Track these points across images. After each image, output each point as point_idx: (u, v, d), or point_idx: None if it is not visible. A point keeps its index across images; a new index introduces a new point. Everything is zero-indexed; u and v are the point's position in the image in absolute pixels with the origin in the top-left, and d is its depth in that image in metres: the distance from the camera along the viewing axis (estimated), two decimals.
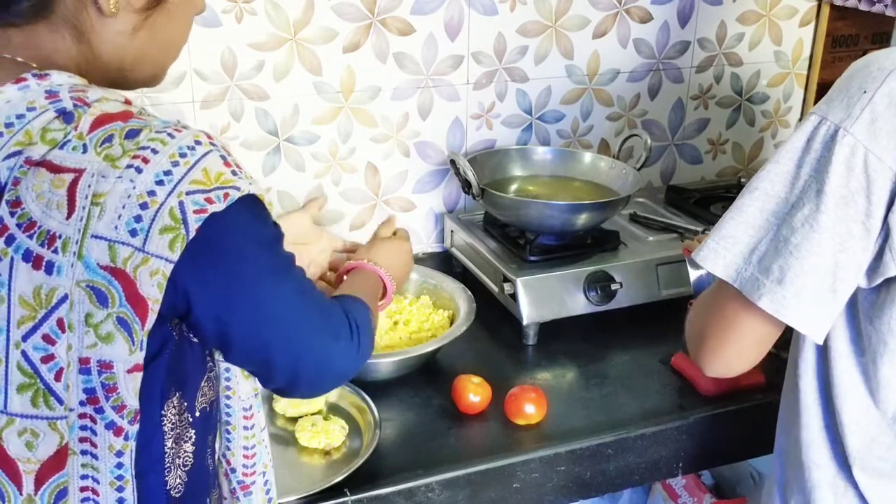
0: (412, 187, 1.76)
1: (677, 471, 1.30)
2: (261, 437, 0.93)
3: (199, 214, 0.71)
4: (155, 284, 0.71)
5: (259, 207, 0.78)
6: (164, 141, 0.72)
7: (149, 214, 0.70)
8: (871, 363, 0.92)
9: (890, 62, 0.85)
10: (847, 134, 0.84)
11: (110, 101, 0.75)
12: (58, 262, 0.69)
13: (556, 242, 1.54)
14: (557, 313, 1.46)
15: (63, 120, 0.72)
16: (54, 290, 0.70)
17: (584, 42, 1.77)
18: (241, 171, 0.76)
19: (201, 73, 1.53)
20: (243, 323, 0.78)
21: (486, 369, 1.34)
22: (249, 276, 0.77)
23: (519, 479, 1.19)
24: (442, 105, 1.71)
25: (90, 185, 0.69)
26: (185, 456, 0.82)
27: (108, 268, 0.70)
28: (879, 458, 0.95)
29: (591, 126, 1.86)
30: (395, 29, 1.62)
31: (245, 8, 1.52)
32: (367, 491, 1.11)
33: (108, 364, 0.72)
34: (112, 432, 0.74)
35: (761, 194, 0.89)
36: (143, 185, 0.70)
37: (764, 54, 1.95)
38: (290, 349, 0.82)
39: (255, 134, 1.61)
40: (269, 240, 0.80)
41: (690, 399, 1.32)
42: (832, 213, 0.84)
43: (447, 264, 1.72)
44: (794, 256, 0.85)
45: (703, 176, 2.03)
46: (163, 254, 0.70)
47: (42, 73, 0.74)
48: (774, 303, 0.86)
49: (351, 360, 0.88)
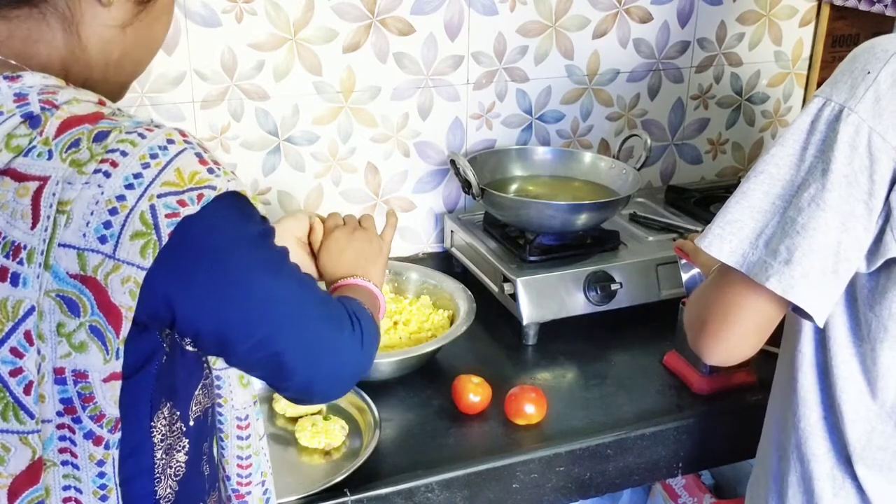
0: (412, 187, 1.76)
1: (677, 471, 1.30)
2: (258, 447, 0.91)
3: (171, 219, 0.69)
4: (127, 292, 0.68)
5: (241, 204, 0.75)
6: (135, 142, 0.69)
7: (118, 220, 0.68)
8: (870, 351, 0.92)
9: (893, 45, 0.86)
10: (852, 113, 0.84)
11: (81, 103, 0.72)
12: (23, 274, 0.67)
13: (556, 242, 1.54)
14: (557, 313, 1.46)
15: (29, 125, 0.70)
16: (20, 303, 0.68)
17: (584, 42, 1.77)
18: (219, 168, 0.73)
19: (201, 73, 1.53)
20: (239, 322, 0.75)
21: (486, 369, 1.34)
22: (239, 274, 0.74)
23: (518, 479, 1.20)
24: (442, 105, 1.72)
25: (55, 192, 0.67)
26: (176, 466, 0.81)
27: (77, 276, 0.68)
28: (879, 448, 0.96)
29: (591, 126, 1.86)
30: (395, 29, 1.62)
31: (245, 8, 1.52)
32: (367, 491, 1.11)
33: (82, 374, 0.70)
34: (91, 442, 0.72)
35: (766, 178, 0.89)
36: (111, 189, 0.68)
37: (764, 54, 1.95)
38: (299, 343, 0.79)
39: (255, 134, 1.61)
40: (256, 235, 0.77)
41: (690, 399, 1.32)
42: (837, 191, 0.84)
43: (447, 264, 1.73)
44: (801, 236, 0.85)
45: (703, 176, 2.03)
46: (134, 260, 0.68)
47: (14, 75, 0.72)
48: (782, 283, 0.86)
49: (355, 352, 0.85)
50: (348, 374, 0.86)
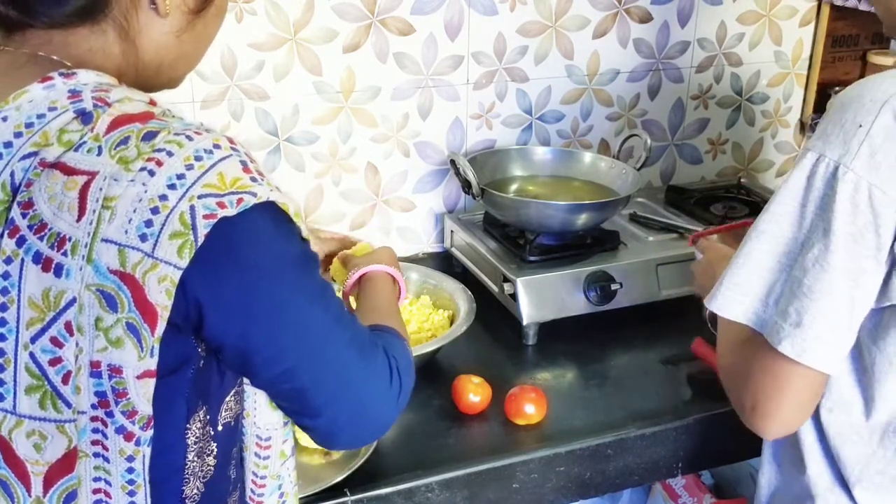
0: (412, 187, 1.76)
1: (677, 471, 1.30)
2: (278, 470, 0.88)
3: (208, 220, 0.69)
4: (163, 291, 0.69)
5: (282, 219, 0.74)
6: (181, 143, 0.70)
7: (159, 219, 0.68)
8: (873, 381, 0.92)
9: (881, 93, 0.85)
10: (848, 170, 0.83)
11: (133, 102, 0.73)
12: (66, 265, 0.68)
13: (555, 242, 1.54)
14: (557, 313, 1.46)
15: (81, 121, 0.71)
16: (62, 293, 0.69)
17: (584, 42, 1.77)
18: (263, 179, 0.73)
19: (201, 73, 1.53)
20: (264, 344, 0.74)
21: (486, 369, 1.34)
22: (270, 291, 0.73)
23: (518, 479, 1.20)
24: (442, 105, 1.71)
25: (101, 188, 0.68)
26: (206, 469, 0.80)
27: (117, 272, 0.68)
28: (878, 472, 0.95)
29: (591, 126, 1.86)
30: (395, 29, 1.62)
31: (245, 8, 1.52)
32: (367, 491, 1.11)
33: (117, 368, 0.70)
34: (122, 437, 0.73)
35: (769, 237, 0.89)
36: (154, 188, 0.68)
37: (764, 54, 1.95)
38: (326, 384, 0.78)
39: (255, 134, 1.61)
40: (295, 256, 0.75)
41: (690, 399, 1.32)
42: (842, 251, 0.84)
43: (447, 264, 1.72)
44: (808, 298, 0.85)
45: (703, 176, 2.03)
46: (171, 260, 0.68)
47: (69, 72, 0.73)
48: (795, 347, 0.86)
49: (390, 406, 0.83)
50: (376, 427, 0.85)
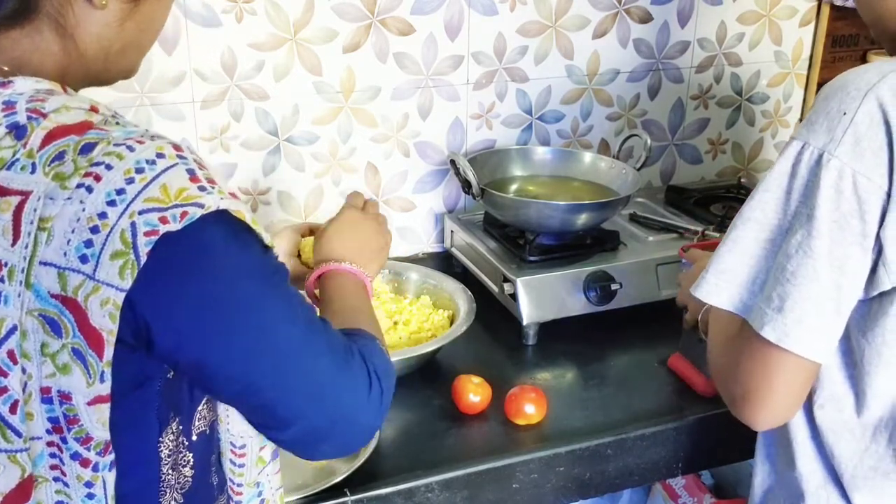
0: (412, 187, 1.76)
1: (677, 471, 1.30)
2: (253, 478, 0.85)
3: (150, 237, 0.64)
4: (106, 315, 0.65)
5: (235, 227, 0.69)
6: (121, 155, 0.65)
7: (99, 239, 0.64)
8: (863, 375, 0.92)
9: (865, 82, 0.85)
10: (832, 157, 0.84)
11: (71, 111, 0.68)
12: (4, 292, 0.65)
13: (555, 242, 1.54)
14: (557, 313, 1.46)
15: (14, 136, 0.66)
16: (2, 321, 0.65)
17: (584, 42, 1.77)
18: (213, 187, 0.67)
19: (201, 73, 1.53)
20: (220, 364, 0.70)
21: (486, 369, 1.34)
22: (223, 309, 0.68)
23: (518, 479, 1.20)
24: (442, 105, 1.72)
25: (36, 208, 0.64)
26: (183, 480, 0.78)
27: (58, 296, 0.65)
28: (870, 468, 0.95)
29: (591, 126, 1.86)
30: (395, 29, 1.62)
31: (245, 8, 1.52)
32: (367, 491, 1.11)
33: (67, 395, 0.67)
34: (78, 463, 0.70)
35: (754, 224, 0.90)
36: (93, 206, 0.64)
37: (764, 54, 1.95)
38: (292, 396, 0.73)
39: (255, 134, 1.61)
40: (253, 267, 0.70)
41: (690, 399, 1.32)
42: (826, 237, 0.84)
43: (447, 264, 1.72)
44: (791, 283, 0.86)
45: (702, 176, 2.03)
46: (113, 282, 0.64)
47: (5, 81, 0.69)
48: (776, 331, 0.86)
49: (372, 412, 0.79)
50: (361, 434, 0.80)
